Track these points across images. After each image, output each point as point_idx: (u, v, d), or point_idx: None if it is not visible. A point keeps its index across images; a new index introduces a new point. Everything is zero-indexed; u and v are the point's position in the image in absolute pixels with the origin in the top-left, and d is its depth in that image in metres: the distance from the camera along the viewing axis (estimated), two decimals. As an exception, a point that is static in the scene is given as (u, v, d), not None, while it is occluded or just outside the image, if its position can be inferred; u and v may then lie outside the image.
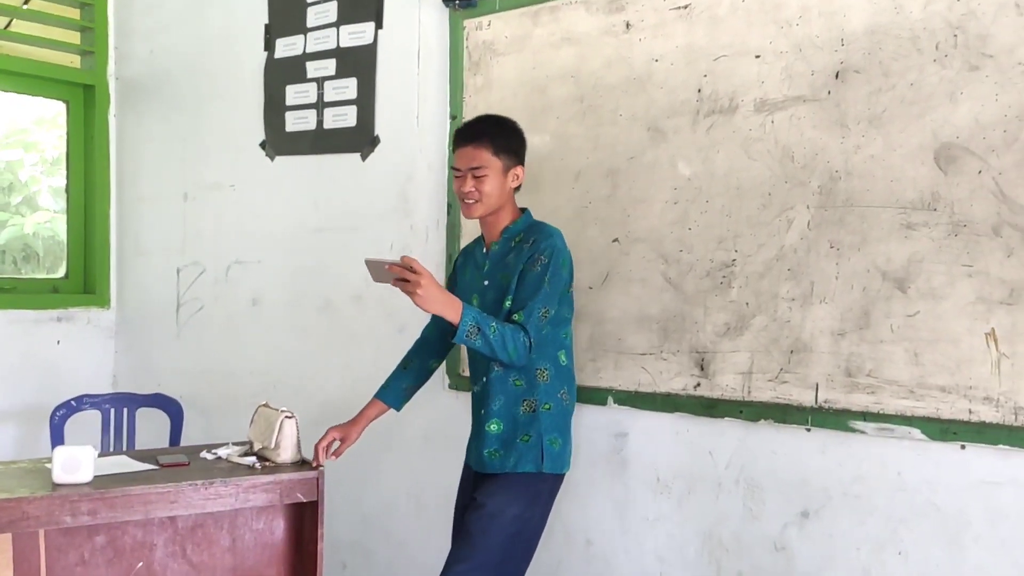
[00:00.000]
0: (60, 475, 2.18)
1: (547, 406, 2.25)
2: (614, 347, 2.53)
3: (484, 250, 2.36)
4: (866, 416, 2.14)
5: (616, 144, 2.54)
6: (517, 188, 2.34)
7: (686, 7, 2.42)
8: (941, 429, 2.04)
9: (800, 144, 2.25)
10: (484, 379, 2.29)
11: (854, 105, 2.18)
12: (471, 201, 2.26)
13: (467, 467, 2.41)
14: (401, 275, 2.06)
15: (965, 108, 2.03)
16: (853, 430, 2.16)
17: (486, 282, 2.31)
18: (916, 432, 2.07)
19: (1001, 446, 1.97)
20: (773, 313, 2.28)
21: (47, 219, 7.02)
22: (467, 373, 2.81)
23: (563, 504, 2.60)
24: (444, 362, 2.62)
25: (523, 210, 2.37)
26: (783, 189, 2.28)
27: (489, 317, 2.14)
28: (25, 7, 4.06)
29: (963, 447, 2.02)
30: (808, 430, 2.23)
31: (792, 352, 2.26)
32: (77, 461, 2.19)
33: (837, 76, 2.21)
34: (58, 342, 3.75)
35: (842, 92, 2.20)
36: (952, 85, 2.05)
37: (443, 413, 2.87)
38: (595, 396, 2.55)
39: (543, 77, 2.67)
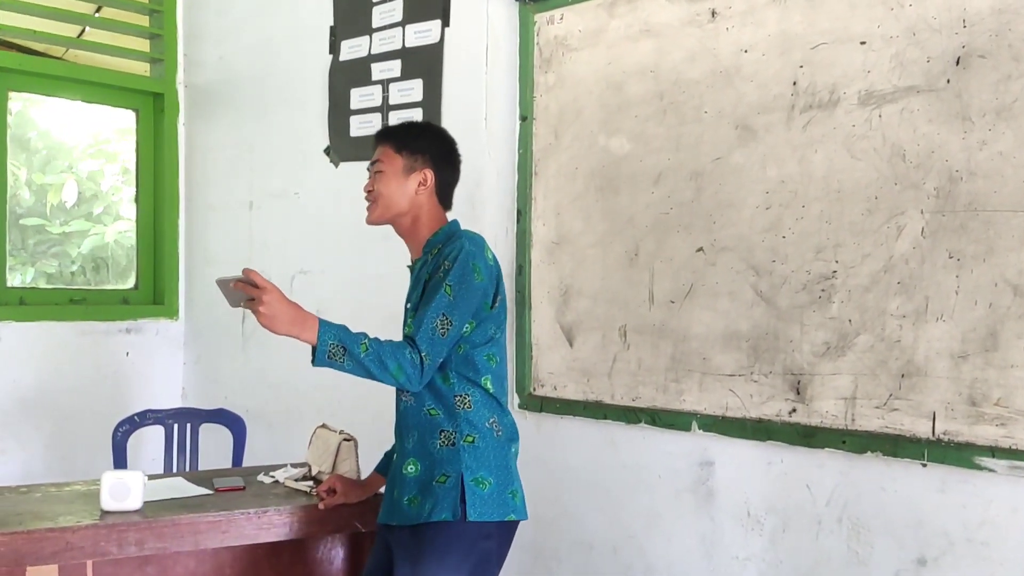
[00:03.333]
0: (108, 502, 2.09)
1: (470, 438, 1.87)
2: (698, 367, 2.30)
3: (410, 267, 2.06)
4: (995, 452, 1.86)
5: (700, 144, 2.31)
6: (445, 202, 2.04)
7: (780, -10, 2.17)
8: (1088, 470, 1.76)
9: (913, 141, 1.99)
10: (399, 402, 1.98)
11: (978, 95, 1.91)
12: (368, 202, 2.01)
13: (382, 526, 2.00)
14: (245, 291, 1.77)
15: (1116, 95, 1.74)
16: (979, 467, 1.88)
17: (408, 304, 2.01)
18: (1057, 473, 1.79)
19: None
20: (881, 332, 2.02)
21: (127, 228, 7.17)
22: (540, 392, 2.63)
23: (642, 536, 2.40)
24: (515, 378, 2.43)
25: (451, 222, 2.05)
26: (892, 192, 2.01)
27: (360, 333, 1.80)
28: (97, 15, 4.06)
29: (1114, 491, 1.73)
30: (924, 465, 1.96)
31: (903, 376, 1.99)
32: (126, 487, 2.09)
33: (958, 63, 1.93)
34: (127, 354, 3.71)
35: (964, 81, 1.92)
36: (1100, 69, 1.76)
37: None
38: (678, 421, 2.33)
39: (620, 73, 2.46)
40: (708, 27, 2.29)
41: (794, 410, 2.15)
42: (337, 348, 1.77)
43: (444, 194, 2.05)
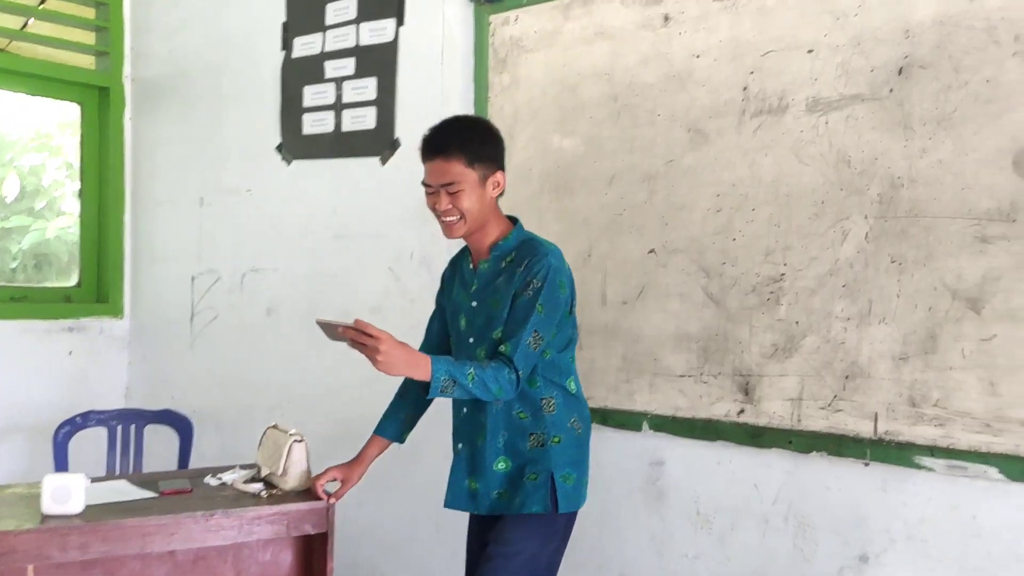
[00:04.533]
0: (50, 505, 2.03)
1: (556, 439, 2.01)
2: (649, 368, 2.33)
3: (471, 266, 2.11)
4: (934, 451, 1.92)
5: (653, 147, 2.33)
6: (501, 195, 2.05)
7: (731, -3, 2.21)
8: (1023, 468, 1.81)
9: (858, 147, 2.04)
10: (476, 410, 2.06)
11: (920, 104, 1.96)
12: (451, 219, 1.99)
13: (472, 514, 2.17)
14: (356, 339, 1.87)
15: (1050, 107, 1.81)
16: (919, 466, 1.94)
17: (474, 303, 2.06)
18: (993, 471, 1.84)
19: (1092, 489, 1.74)
20: (826, 334, 2.07)
21: (69, 224, 6.99)
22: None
23: (597, 536, 2.41)
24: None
25: (512, 220, 2.08)
26: (838, 197, 2.06)
27: (464, 363, 1.91)
28: (41, 7, 3.95)
29: (1046, 488, 1.80)
30: (866, 464, 2.01)
31: (847, 377, 2.04)
32: (67, 491, 2.04)
33: (900, 72, 1.99)
34: (70, 353, 3.62)
35: (906, 90, 1.98)
36: (1035, 81, 1.83)
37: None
38: (629, 421, 2.35)
39: (574, 75, 2.47)
40: (661, 31, 2.32)
41: (742, 410, 2.18)
42: (448, 381, 1.89)
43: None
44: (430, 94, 2.80)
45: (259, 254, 3.33)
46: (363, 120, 2.98)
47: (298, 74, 3.17)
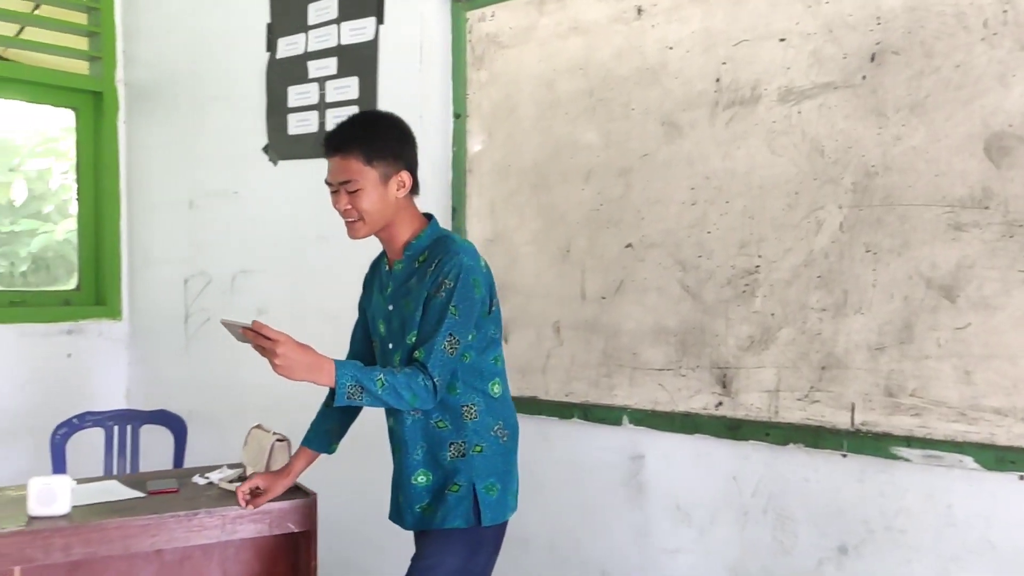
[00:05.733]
0: (35, 507, 2.06)
1: (478, 448, 1.91)
2: (629, 362, 2.33)
3: (388, 268, 2.02)
4: (910, 441, 1.90)
5: (629, 140, 2.33)
6: (415, 190, 1.95)
7: (702, -12, 2.19)
8: (997, 457, 1.80)
9: (831, 136, 2.02)
10: (397, 423, 1.99)
11: (892, 91, 1.94)
12: (351, 220, 1.90)
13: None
14: (255, 341, 1.81)
15: (1019, 92, 1.79)
16: (896, 456, 1.92)
17: (390, 307, 1.98)
18: (968, 460, 1.83)
19: (1066, 478, 1.73)
20: (802, 325, 2.05)
21: (76, 227, 7.06)
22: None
23: (577, 531, 2.42)
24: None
25: (428, 216, 1.99)
26: (812, 187, 2.04)
27: (374, 369, 1.82)
28: (35, 13, 3.98)
29: (1022, 477, 1.78)
30: (844, 456, 2.00)
31: (824, 368, 2.03)
32: (52, 492, 2.07)
33: (873, 59, 1.97)
34: (69, 355, 3.66)
35: (879, 77, 1.96)
36: (1003, 67, 1.80)
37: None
38: (609, 415, 2.35)
39: (550, 70, 2.47)
40: (634, 24, 2.31)
41: (720, 403, 2.18)
42: (355, 388, 1.79)
43: (415, 183, 1.98)
44: (410, 92, 2.80)
45: (248, 255, 3.35)
46: (347, 119, 2.98)
47: (282, 74, 3.18)
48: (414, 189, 1.96)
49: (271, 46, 3.22)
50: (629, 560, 2.34)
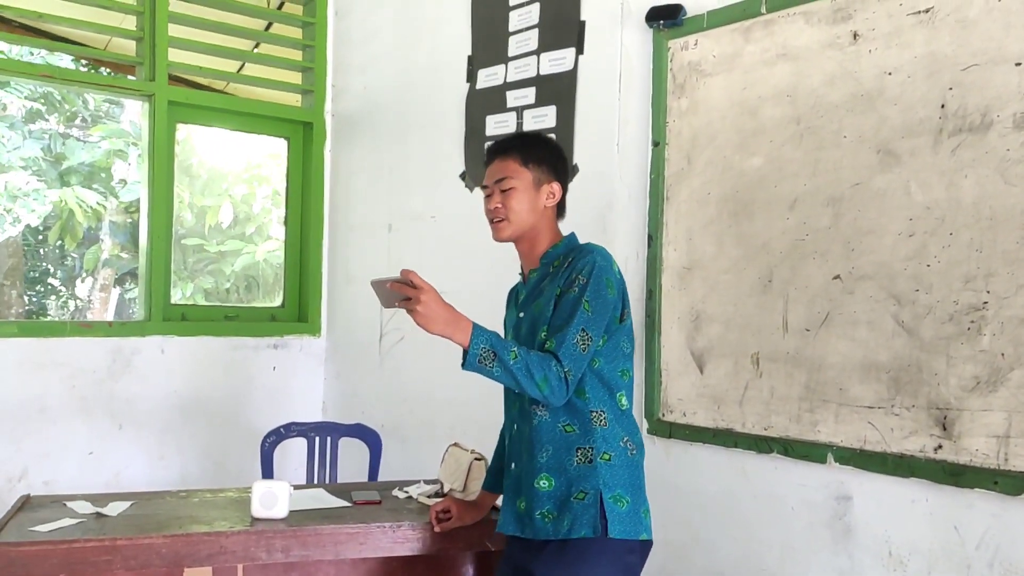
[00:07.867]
0: (258, 510, 2.22)
1: (606, 456, 1.85)
2: (834, 397, 2.23)
3: (523, 280, 2.07)
4: None
5: (839, 169, 2.25)
6: (561, 213, 2.03)
7: (927, 11, 2.10)
8: None
9: (1074, 165, 1.87)
10: (524, 424, 1.96)
11: None
12: (498, 219, 1.97)
13: (511, 539, 2.01)
14: (401, 291, 1.79)
15: None
16: None
17: (521, 314, 1.99)
18: None
19: None
20: (1038, 367, 1.90)
21: (275, 247, 7.61)
22: (669, 417, 2.61)
23: (775, 569, 2.33)
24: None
25: (570, 234, 2.05)
26: (1051, 219, 1.90)
27: (510, 342, 1.82)
28: (255, 51, 4.35)
29: None
30: (1086, 512, 1.83)
31: (1064, 415, 1.86)
32: (274, 496, 2.23)
33: (1125, 81, 1.81)
34: (274, 368, 3.93)
35: None
36: None
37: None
38: (812, 452, 2.26)
39: (755, 98, 2.43)
40: (849, 50, 2.24)
41: (940, 446, 2.05)
42: (488, 353, 1.79)
43: (562, 205, 2.07)
44: (608, 120, 2.83)
45: (444, 276, 3.45)
46: (542, 147, 3.05)
47: (481, 104, 3.30)
48: (561, 207, 2.04)
49: (471, 77, 3.35)
50: (832, 606, 2.23)
